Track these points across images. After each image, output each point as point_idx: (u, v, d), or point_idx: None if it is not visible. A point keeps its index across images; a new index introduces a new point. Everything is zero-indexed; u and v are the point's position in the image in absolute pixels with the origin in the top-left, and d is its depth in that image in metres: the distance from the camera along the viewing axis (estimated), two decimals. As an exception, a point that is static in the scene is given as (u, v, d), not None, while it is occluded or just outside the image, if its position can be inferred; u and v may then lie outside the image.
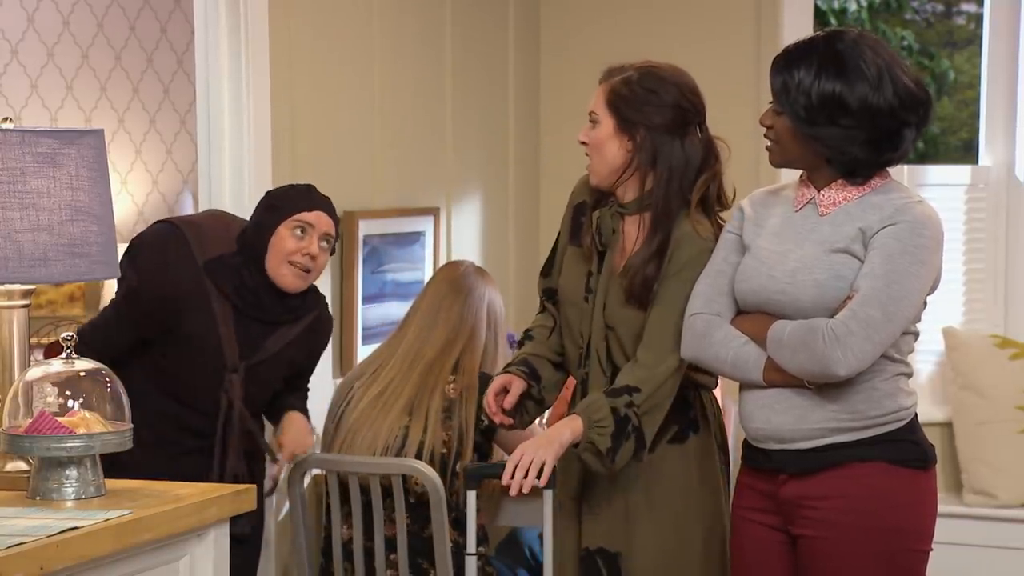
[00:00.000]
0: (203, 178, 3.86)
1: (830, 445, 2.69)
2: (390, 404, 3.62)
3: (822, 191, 2.72)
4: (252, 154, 3.79)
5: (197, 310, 3.14)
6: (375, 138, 4.25)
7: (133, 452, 2.96)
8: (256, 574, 3.40)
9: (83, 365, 2.58)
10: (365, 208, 4.12)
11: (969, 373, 4.65)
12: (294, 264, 3.15)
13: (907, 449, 2.71)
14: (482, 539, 3.70)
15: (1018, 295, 4.85)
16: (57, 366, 2.57)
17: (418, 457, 3.55)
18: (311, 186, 3.26)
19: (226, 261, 3.16)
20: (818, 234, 2.70)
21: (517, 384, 3.03)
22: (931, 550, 2.74)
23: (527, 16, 5.07)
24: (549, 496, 2.97)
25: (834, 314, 2.63)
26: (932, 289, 2.71)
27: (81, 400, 2.54)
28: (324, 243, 3.18)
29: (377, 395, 3.64)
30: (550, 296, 3.11)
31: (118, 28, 5.39)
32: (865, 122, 2.63)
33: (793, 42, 2.74)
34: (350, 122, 4.18)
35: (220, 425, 3.18)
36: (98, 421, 2.52)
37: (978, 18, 5.91)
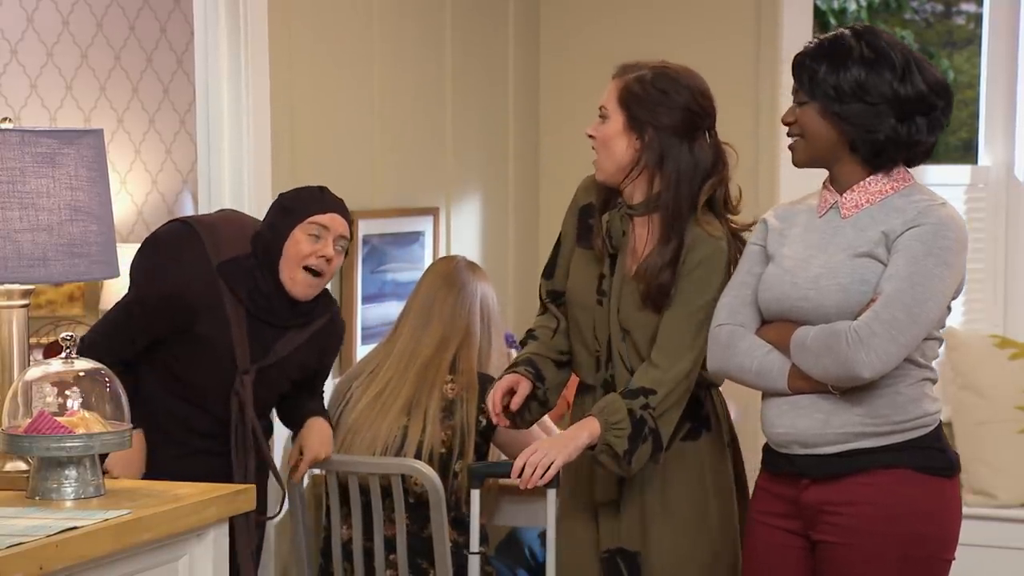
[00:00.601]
0: (203, 178, 3.86)
1: (855, 450, 2.67)
2: (388, 404, 3.62)
3: (845, 194, 2.71)
4: (251, 154, 3.79)
5: (210, 311, 3.12)
6: (374, 138, 4.25)
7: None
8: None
9: (82, 365, 2.58)
10: (364, 208, 4.11)
11: (969, 373, 4.65)
12: (309, 268, 3.13)
13: (933, 456, 2.70)
14: (482, 539, 3.71)
15: (1018, 295, 4.84)
16: (56, 366, 2.57)
17: (417, 457, 3.55)
18: (324, 188, 3.24)
19: (240, 263, 3.15)
20: (841, 238, 2.69)
21: (524, 385, 3.01)
22: (954, 559, 2.73)
23: (527, 16, 5.07)
24: (552, 496, 2.97)
25: (857, 317, 2.62)
26: (956, 293, 2.70)
27: (80, 400, 2.54)
28: (339, 246, 3.17)
29: (376, 395, 3.64)
30: (554, 298, 3.10)
31: (117, 28, 5.39)
32: (894, 104, 2.65)
33: (813, 39, 2.74)
34: (349, 122, 4.17)
35: (233, 426, 3.17)
36: (97, 421, 2.52)
37: (977, 18, 5.91)
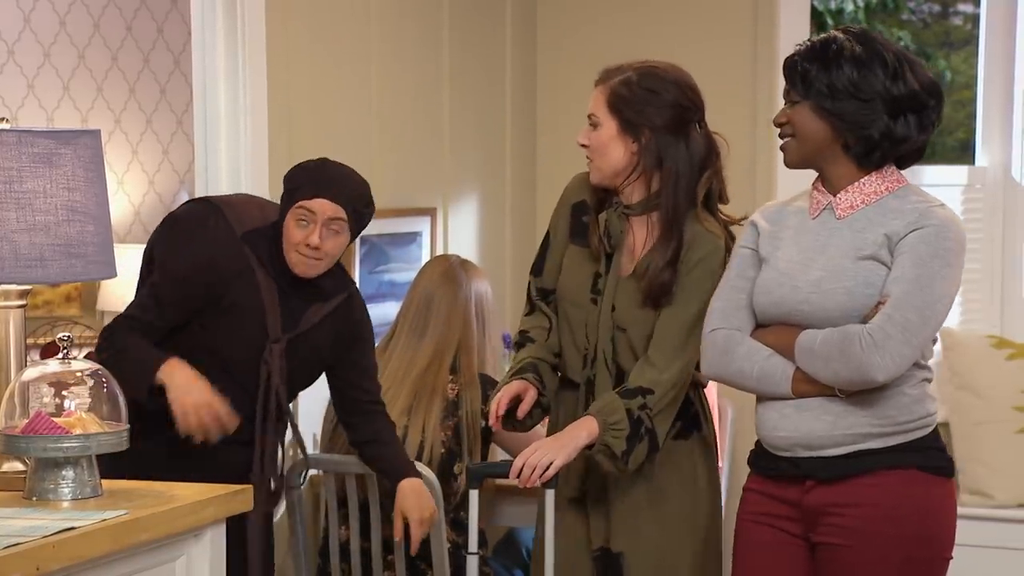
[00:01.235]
0: (200, 178, 3.85)
1: (860, 451, 2.66)
2: (388, 406, 3.62)
3: (838, 194, 2.71)
4: (249, 154, 3.79)
5: (241, 279, 3.09)
6: (372, 138, 4.25)
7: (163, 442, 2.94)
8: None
9: (80, 365, 2.58)
10: (362, 208, 4.11)
11: (966, 373, 4.65)
12: (301, 254, 3.09)
13: (935, 456, 2.71)
14: (481, 541, 3.70)
15: (1014, 295, 4.85)
16: (53, 366, 2.57)
17: (418, 459, 3.55)
18: (321, 164, 3.15)
19: (262, 232, 3.12)
20: (840, 239, 2.68)
21: (531, 394, 3.00)
22: (952, 557, 2.74)
23: (524, 17, 5.07)
24: (551, 496, 2.97)
25: (864, 321, 2.61)
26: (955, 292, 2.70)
27: (77, 400, 2.54)
28: (332, 228, 3.09)
29: (374, 398, 3.64)
30: (544, 296, 3.09)
31: (114, 28, 5.39)
32: (886, 101, 2.65)
33: (804, 41, 2.73)
34: (347, 122, 4.17)
35: (260, 395, 3.12)
36: (94, 421, 2.52)
37: (975, 19, 5.92)
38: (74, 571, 2.25)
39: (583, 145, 2.98)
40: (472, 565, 3.03)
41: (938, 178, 4.98)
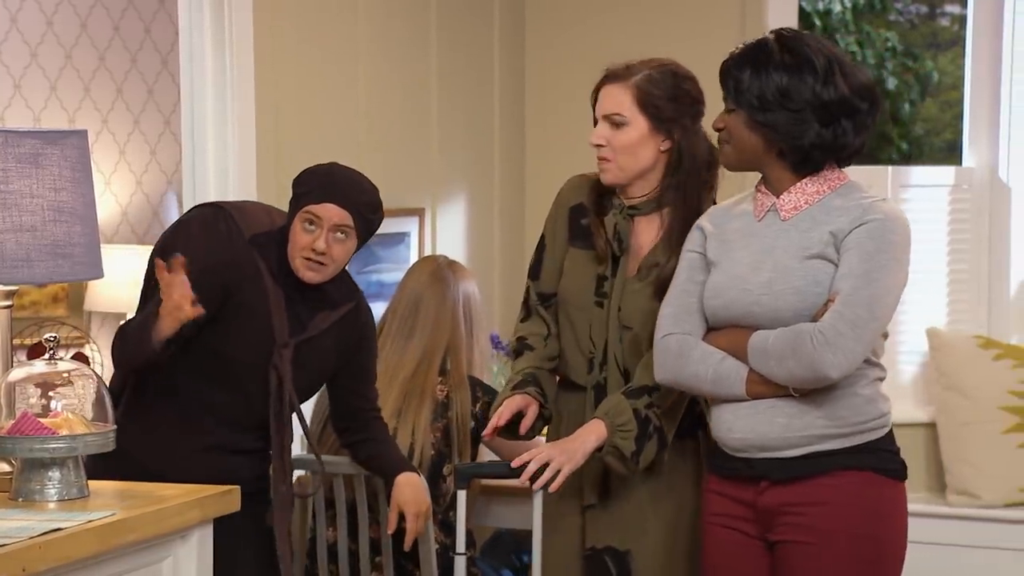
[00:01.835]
0: (187, 179, 3.85)
1: (815, 453, 2.68)
2: (377, 408, 3.62)
3: (781, 196, 2.72)
4: (236, 155, 3.78)
5: (249, 282, 3.07)
6: (360, 138, 4.24)
7: (176, 456, 2.97)
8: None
9: (66, 366, 2.57)
10: (350, 209, 4.10)
11: (953, 374, 4.66)
12: (306, 259, 3.06)
13: (888, 459, 2.73)
14: (468, 541, 3.70)
15: (1001, 296, 4.86)
16: (40, 367, 2.56)
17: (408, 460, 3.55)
18: (331, 169, 3.13)
19: (270, 236, 3.10)
20: (786, 241, 2.70)
21: (533, 409, 2.98)
22: (903, 559, 2.76)
23: (512, 16, 5.07)
24: (539, 498, 2.96)
25: (815, 319, 2.63)
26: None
27: (64, 401, 2.54)
28: (340, 234, 3.06)
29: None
30: (544, 300, 3.07)
31: (102, 28, 5.38)
32: (817, 108, 2.65)
33: (741, 44, 2.75)
34: (335, 122, 4.17)
35: (272, 401, 3.08)
36: (81, 422, 2.52)
37: (962, 19, 5.93)
38: (60, 572, 2.24)
39: (599, 145, 2.94)
40: (460, 565, 3.03)
41: (925, 179, 5.00)
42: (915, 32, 7.80)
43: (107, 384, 3.14)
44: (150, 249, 5.08)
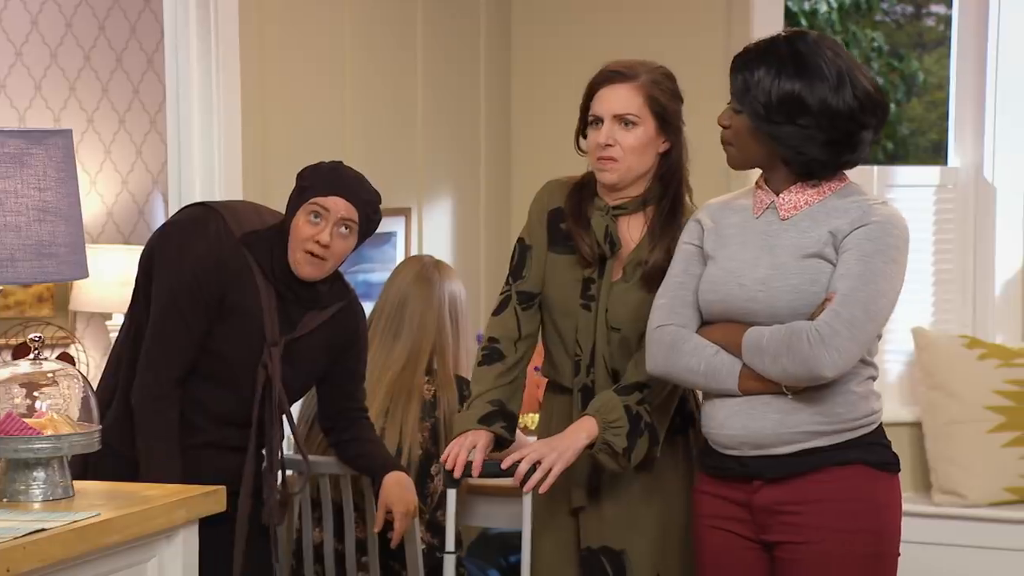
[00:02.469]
0: (173, 178, 3.84)
1: (808, 450, 2.68)
2: (364, 408, 3.61)
3: (781, 195, 2.71)
4: (222, 154, 3.78)
5: (240, 281, 3.06)
6: (346, 137, 4.24)
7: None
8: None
9: (51, 366, 2.57)
10: (336, 208, 4.10)
11: (938, 373, 4.67)
12: (307, 251, 3.05)
13: (881, 453, 2.73)
14: (456, 542, 3.69)
15: (987, 296, 4.87)
16: (25, 367, 2.56)
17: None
18: (337, 165, 3.13)
19: (261, 235, 3.09)
20: (784, 239, 2.69)
21: (482, 445, 2.92)
22: (900, 553, 2.75)
23: (498, 16, 5.07)
24: (528, 499, 2.95)
25: (811, 318, 2.62)
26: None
27: (49, 401, 2.53)
28: (343, 228, 3.05)
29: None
30: (526, 299, 3.05)
31: (87, 28, 5.37)
32: (824, 123, 2.62)
33: (753, 42, 2.72)
34: (321, 121, 4.17)
35: (258, 400, 3.07)
36: (66, 422, 2.51)
37: (947, 20, 5.94)
38: (45, 573, 2.24)
39: (607, 145, 2.92)
40: (449, 564, 3.02)
41: (911, 178, 5.01)
42: (901, 32, 7.82)
43: (97, 383, 3.15)
44: (136, 249, 5.09)
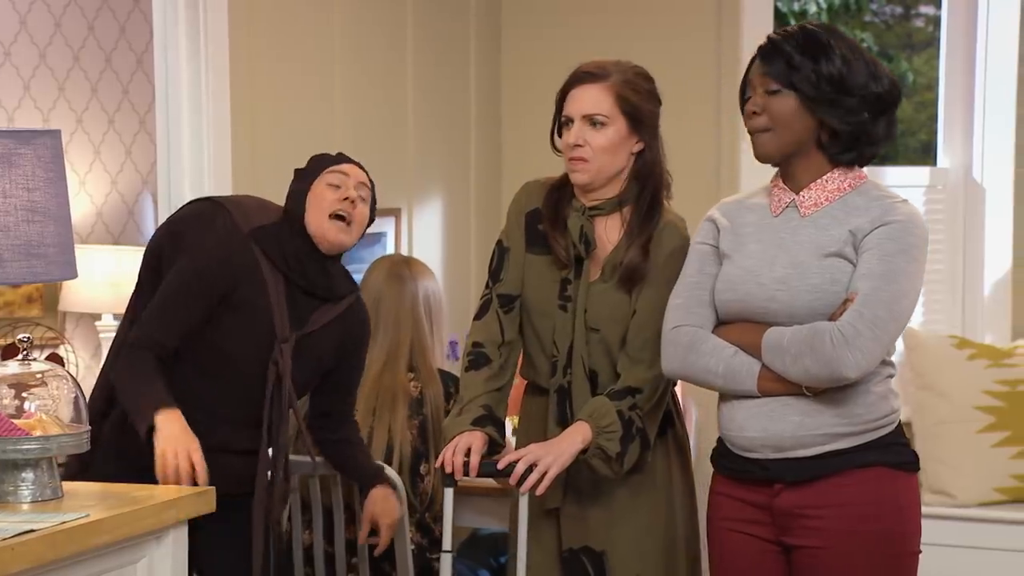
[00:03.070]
0: (162, 179, 3.84)
1: (830, 452, 2.65)
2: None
3: (801, 192, 2.70)
4: (211, 154, 3.77)
5: (248, 276, 3.04)
6: (336, 138, 4.23)
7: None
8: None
9: (40, 367, 2.56)
10: (326, 209, 4.09)
11: (928, 373, 4.68)
12: (335, 216, 3.05)
13: (901, 452, 2.71)
14: (441, 542, 3.69)
15: (976, 296, 4.88)
16: (13, 368, 2.55)
17: (387, 461, 3.54)
18: (341, 154, 3.21)
19: (269, 229, 3.08)
20: (803, 237, 2.67)
21: (477, 446, 2.92)
22: (920, 551, 2.75)
23: (489, 17, 5.07)
24: (524, 501, 2.95)
25: (831, 318, 2.61)
26: None
27: (38, 402, 2.52)
28: (361, 193, 3.10)
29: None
30: (506, 302, 3.04)
31: (76, 28, 5.35)
32: (868, 99, 2.64)
33: (782, 29, 2.71)
34: (311, 122, 4.16)
35: (269, 397, 3.04)
36: (55, 423, 2.50)
37: (936, 20, 5.95)
38: (34, 574, 2.23)
39: (576, 146, 2.92)
40: (446, 563, 3.01)
41: (900, 179, 5.02)
42: (890, 33, 7.83)
43: (99, 383, 3.13)
44: (125, 249, 5.09)
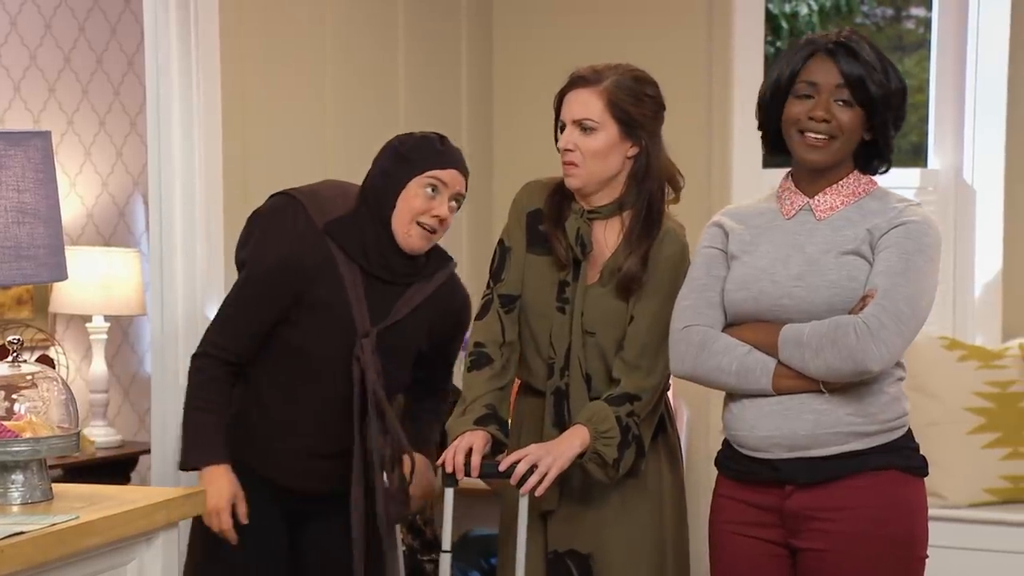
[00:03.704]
0: (153, 180, 3.83)
1: (845, 453, 2.65)
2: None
3: (817, 196, 2.72)
4: (202, 155, 3.77)
5: (323, 273, 2.99)
6: (327, 137, 4.23)
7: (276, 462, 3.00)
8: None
9: (30, 368, 2.56)
10: (317, 210, 4.09)
11: (918, 375, 4.68)
12: (421, 225, 2.98)
13: (912, 456, 2.72)
14: (434, 543, 3.69)
15: (967, 297, 4.89)
16: (3, 370, 2.55)
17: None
18: (444, 138, 3.07)
19: (346, 221, 3.01)
20: (820, 237, 2.69)
21: (479, 446, 2.91)
22: (928, 556, 2.74)
23: (480, 18, 5.07)
24: (524, 502, 2.94)
25: (851, 314, 2.61)
26: None
27: (28, 404, 2.52)
28: (455, 203, 3.01)
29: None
30: (507, 302, 3.04)
31: (66, 29, 5.35)
32: (896, 110, 2.70)
33: (845, 34, 2.70)
34: (302, 122, 4.16)
35: (356, 396, 2.96)
36: (44, 425, 2.50)
37: (927, 22, 5.96)
38: (23, 576, 2.23)
39: (567, 150, 2.92)
40: (445, 563, 3.00)
41: (890, 181, 4.96)
42: (881, 35, 7.84)
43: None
44: (116, 251, 5.09)
